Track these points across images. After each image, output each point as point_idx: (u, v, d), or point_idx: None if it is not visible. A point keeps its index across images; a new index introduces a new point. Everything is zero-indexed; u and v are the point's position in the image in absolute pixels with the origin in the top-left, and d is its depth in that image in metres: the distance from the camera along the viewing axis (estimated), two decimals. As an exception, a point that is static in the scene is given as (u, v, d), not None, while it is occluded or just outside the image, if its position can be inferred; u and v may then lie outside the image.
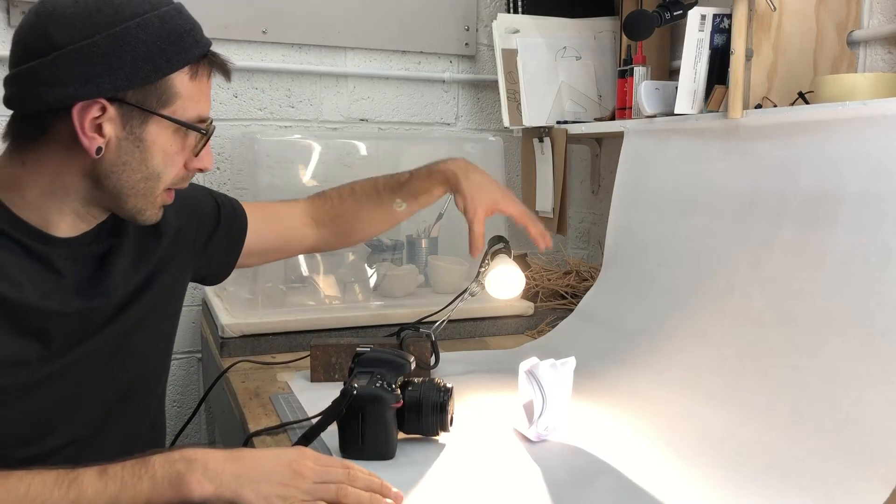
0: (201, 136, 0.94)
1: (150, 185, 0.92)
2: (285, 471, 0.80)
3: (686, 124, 1.35)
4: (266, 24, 1.83)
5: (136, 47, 0.85)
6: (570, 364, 1.01)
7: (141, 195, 0.93)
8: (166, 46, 0.87)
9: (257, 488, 0.77)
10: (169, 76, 0.88)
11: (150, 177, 0.92)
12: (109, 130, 0.87)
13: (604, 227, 1.57)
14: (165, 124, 0.90)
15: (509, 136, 1.95)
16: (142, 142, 0.89)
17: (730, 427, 1.02)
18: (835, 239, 1.04)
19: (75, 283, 0.93)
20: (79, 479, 0.75)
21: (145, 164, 0.91)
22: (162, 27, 0.87)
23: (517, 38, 1.73)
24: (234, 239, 1.20)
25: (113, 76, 0.85)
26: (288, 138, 1.75)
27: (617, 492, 0.87)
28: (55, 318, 0.91)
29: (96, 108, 0.86)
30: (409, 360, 1.00)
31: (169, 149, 0.92)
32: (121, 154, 0.89)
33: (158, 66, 0.87)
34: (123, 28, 0.85)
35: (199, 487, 0.76)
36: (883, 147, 1.00)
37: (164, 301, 1.07)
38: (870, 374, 0.93)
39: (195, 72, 0.91)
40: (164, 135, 0.91)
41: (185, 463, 0.77)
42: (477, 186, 1.21)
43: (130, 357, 1.01)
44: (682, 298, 1.28)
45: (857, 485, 0.84)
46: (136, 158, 0.90)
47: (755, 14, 1.22)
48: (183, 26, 0.90)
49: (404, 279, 1.66)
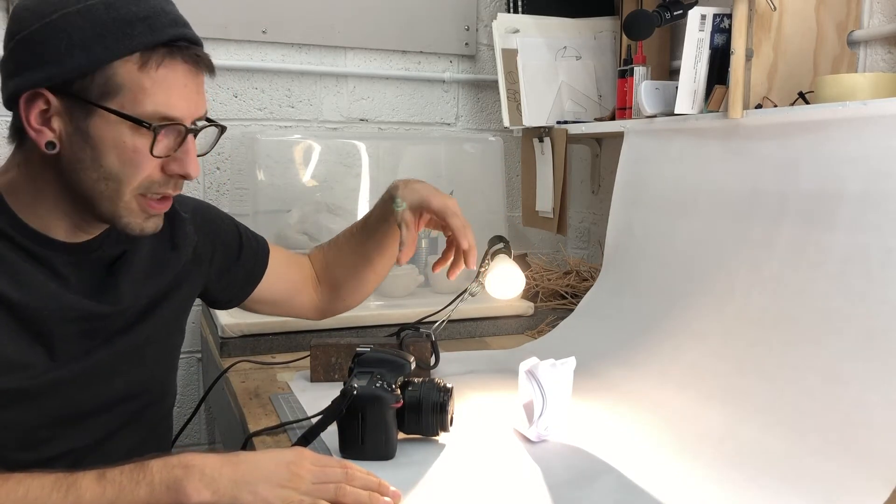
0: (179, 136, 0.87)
1: (112, 188, 0.87)
2: (283, 472, 0.79)
3: (686, 124, 1.35)
4: (266, 24, 1.83)
5: (71, 35, 0.82)
6: (570, 364, 1.01)
7: (107, 199, 0.87)
8: (107, 34, 0.82)
9: (255, 491, 0.77)
10: (110, 65, 0.82)
11: (109, 177, 0.86)
12: (57, 124, 0.85)
13: (604, 227, 1.57)
14: (112, 118, 0.84)
15: (509, 136, 1.95)
16: (89, 137, 0.84)
17: (730, 427, 1.02)
18: (835, 239, 1.04)
19: (81, 288, 0.93)
20: (77, 482, 0.75)
21: (98, 163, 0.85)
22: (107, 14, 0.82)
23: (517, 37, 1.72)
24: (251, 275, 1.18)
25: (49, 65, 0.82)
26: (288, 138, 1.75)
27: (617, 492, 0.87)
28: (59, 323, 0.90)
29: (42, 100, 0.84)
30: (409, 360, 1.00)
31: (123, 146, 0.85)
32: (74, 151, 0.85)
33: (93, 53, 0.82)
34: (61, 15, 0.82)
35: (197, 494, 0.76)
36: (883, 147, 1.00)
37: (175, 316, 1.07)
38: (870, 374, 0.93)
39: (146, 61, 0.83)
40: (115, 131, 0.84)
41: (182, 469, 0.77)
42: (412, 191, 1.15)
43: (138, 370, 1.00)
44: (682, 298, 1.28)
45: (857, 485, 0.84)
46: (88, 156, 0.85)
47: (755, 14, 1.22)
48: (136, 14, 0.83)
49: (404, 279, 1.66)
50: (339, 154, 1.76)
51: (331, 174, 1.74)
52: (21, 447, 0.90)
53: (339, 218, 1.73)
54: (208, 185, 1.85)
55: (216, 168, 1.84)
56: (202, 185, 1.84)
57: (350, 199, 1.73)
